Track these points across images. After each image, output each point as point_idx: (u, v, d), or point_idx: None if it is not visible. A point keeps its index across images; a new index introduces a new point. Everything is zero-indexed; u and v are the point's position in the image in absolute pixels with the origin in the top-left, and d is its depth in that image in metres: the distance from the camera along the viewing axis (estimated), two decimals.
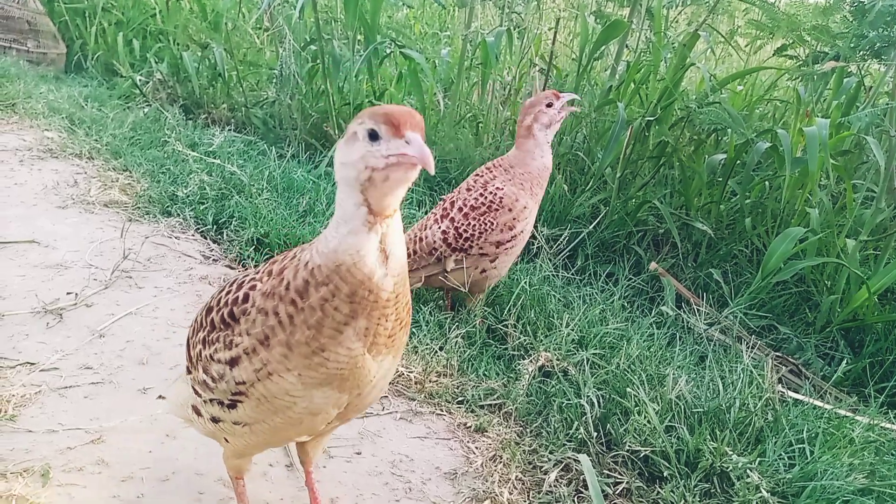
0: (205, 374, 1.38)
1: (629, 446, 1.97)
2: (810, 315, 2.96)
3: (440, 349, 2.46)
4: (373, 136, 1.13)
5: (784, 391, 2.34)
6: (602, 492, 1.84)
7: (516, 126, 2.67)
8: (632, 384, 2.14)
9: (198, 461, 1.85)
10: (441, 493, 1.87)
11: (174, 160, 4.13)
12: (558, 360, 2.36)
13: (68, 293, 2.63)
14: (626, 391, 2.12)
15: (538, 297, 2.72)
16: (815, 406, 2.23)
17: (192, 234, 3.39)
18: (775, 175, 3.40)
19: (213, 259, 3.16)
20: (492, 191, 2.57)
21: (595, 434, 2.05)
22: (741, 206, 3.38)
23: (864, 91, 3.53)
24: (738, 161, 3.39)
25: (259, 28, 5.87)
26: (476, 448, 2.06)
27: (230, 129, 4.93)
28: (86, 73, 6.74)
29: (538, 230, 3.22)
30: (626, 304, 2.89)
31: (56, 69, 7.02)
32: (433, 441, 2.09)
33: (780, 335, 2.85)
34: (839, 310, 2.85)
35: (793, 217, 3.19)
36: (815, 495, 1.81)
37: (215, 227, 3.43)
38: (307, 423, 1.36)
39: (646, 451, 1.95)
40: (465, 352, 2.46)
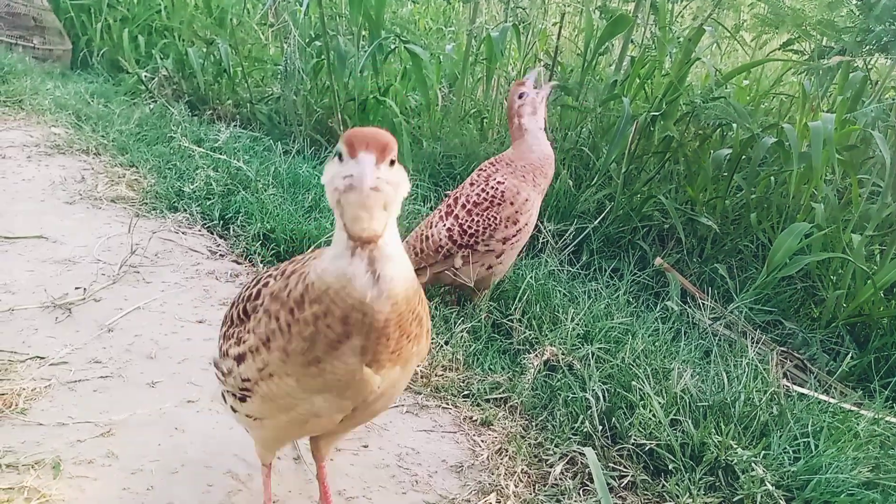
0: (223, 365, 1.41)
1: (634, 440, 1.98)
2: (816, 310, 2.97)
3: (446, 343, 2.47)
4: (340, 158, 1.11)
5: (789, 385, 2.35)
6: (607, 485, 1.85)
7: (508, 128, 2.69)
8: (637, 378, 2.15)
9: (206, 454, 1.86)
10: (447, 486, 1.88)
11: (180, 156, 4.15)
12: (563, 354, 2.37)
13: (77, 288, 2.65)
14: (632, 385, 2.13)
15: (543, 292, 2.73)
16: (820, 400, 2.23)
17: (199, 230, 3.40)
18: (781, 170, 3.39)
19: (220, 254, 3.18)
20: (493, 185, 2.58)
21: (600, 427, 2.06)
22: (746, 202, 3.38)
23: (871, 85, 3.52)
24: (744, 156, 3.38)
25: (264, 24, 5.88)
26: (482, 441, 2.07)
27: (235, 125, 4.93)
28: (91, 70, 6.75)
29: (543, 225, 3.22)
30: (632, 298, 2.89)
31: (62, 66, 7.03)
32: (439, 434, 2.11)
33: (785, 330, 2.85)
34: (845, 305, 2.85)
35: (798, 212, 3.18)
36: (819, 488, 1.82)
37: (222, 222, 3.44)
38: (313, 424, 1.36)
39: (651, 444, 1.96)
40: (470, 346, 2.47)
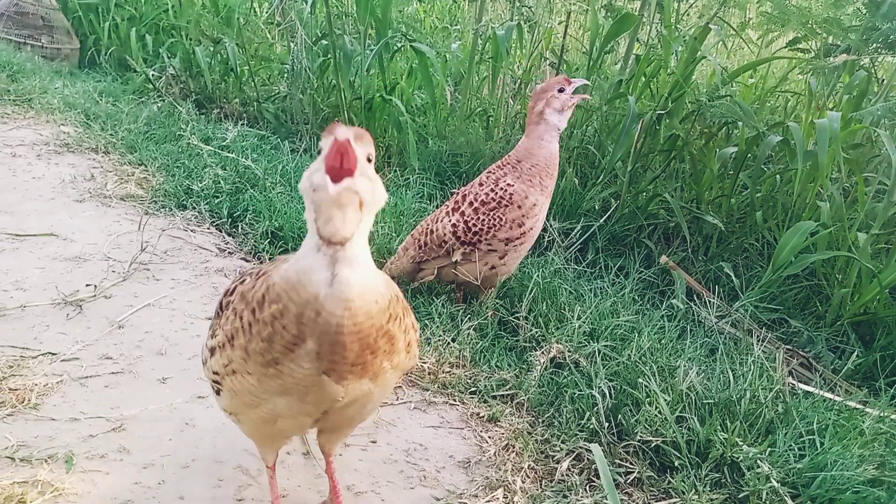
0: (203, 354, 1.43)
1: (640, 436, 2.00)
2: (821, 308, 2.97)
3: (453, 340, 2.49)
4: (319, 153, 1.11)
5: (794, 383, 2.36)
6: (613, 481, 1.86)
7: (527, 113, 2.67)
8: (643, 375, 2.16)
9: (217, 449, 1.89)
10: (455, 481, 1.90)
11: (188, 154, 4.18)
12: (570, 351, 2.38)
13: (87, 285, 2.68)
14: (638, 382, 2.14)
15: (549, 290, 2.74)
16: (826, 398, 2.24)
17: (208, 228, 3.43)
18: (786, 168, 3.39)
19: (229, 252, 3.20)
20: (503, 187, 2.59)
21: (606, 424, 2.07)
22: (752, 200, 3.38)
23: (877, 84, 3.52)
24: (749, 154, 3.38)
25: (271, 23, 5.90)
26: (489, 437, 2.09)
27: (243, 124, 4.96)
28: (99, 69, 6.80)
29: (549, 223, 3.23)
30: (637, 297, 2.90)
31: (70, 64, 7.08)
32: (447, 430, 2.13)
33: (790, 328, 2.85)
34: (850, 303, 2.85)
35: (804, 210, 3.18)
36: (824, 486, 1.83)
37: (230, 220, 3.46)
38: (282, 425, 1.35)
39: (657, 441, 1.98)
40: (477, 343, 2.49)
